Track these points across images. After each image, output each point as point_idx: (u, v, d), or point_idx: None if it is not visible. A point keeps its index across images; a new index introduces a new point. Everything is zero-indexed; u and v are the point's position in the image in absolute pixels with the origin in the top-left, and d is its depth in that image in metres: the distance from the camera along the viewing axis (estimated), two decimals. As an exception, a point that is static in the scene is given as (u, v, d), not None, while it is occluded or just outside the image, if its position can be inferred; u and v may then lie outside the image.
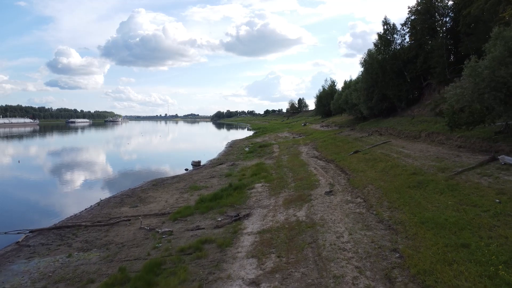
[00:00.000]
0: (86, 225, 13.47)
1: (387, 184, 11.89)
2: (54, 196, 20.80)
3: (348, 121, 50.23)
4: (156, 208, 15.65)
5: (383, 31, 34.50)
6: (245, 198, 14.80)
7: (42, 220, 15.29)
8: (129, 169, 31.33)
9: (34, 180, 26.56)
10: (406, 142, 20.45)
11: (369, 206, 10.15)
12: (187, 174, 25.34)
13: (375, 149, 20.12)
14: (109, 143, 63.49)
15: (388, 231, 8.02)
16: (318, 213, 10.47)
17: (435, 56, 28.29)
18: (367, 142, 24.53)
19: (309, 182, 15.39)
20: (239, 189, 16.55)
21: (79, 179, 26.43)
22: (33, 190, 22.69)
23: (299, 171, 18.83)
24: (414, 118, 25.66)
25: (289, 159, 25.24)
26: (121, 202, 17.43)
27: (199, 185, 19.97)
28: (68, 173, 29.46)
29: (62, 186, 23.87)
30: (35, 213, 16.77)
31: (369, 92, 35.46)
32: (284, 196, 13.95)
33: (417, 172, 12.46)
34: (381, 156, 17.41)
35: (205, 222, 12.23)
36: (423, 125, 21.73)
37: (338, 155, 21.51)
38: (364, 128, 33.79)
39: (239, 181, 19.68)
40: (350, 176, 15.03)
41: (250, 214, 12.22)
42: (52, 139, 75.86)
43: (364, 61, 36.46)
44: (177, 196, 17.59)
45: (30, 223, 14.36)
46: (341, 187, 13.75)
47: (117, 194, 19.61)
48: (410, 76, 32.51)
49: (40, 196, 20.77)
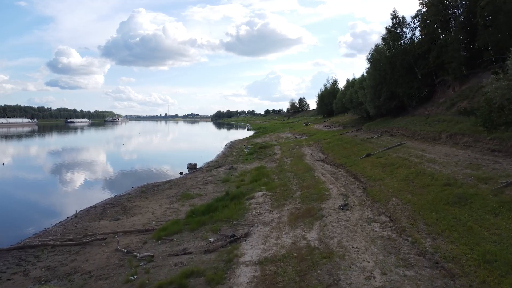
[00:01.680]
0: (54, 244, 11.31)
1: (416, 198, 9.71)
2: (30, 206, 18.56)
3: (352, 120, 48.06)
4: (140, 221, 13.49)
5: (392, 25, 32.30)
6: (243, 210, 12.64)
7: (7, 236, 13.12)
8: (121, 172, 29.18)
9: (14, 185, 24.40)
10: (425, 144, 18.27)
11: (400, 228, 7.98)
12: (181, 179, 23.19)
13: (390, 152, 17.95)
14: (104, 144, 61.30)
15: (438, 272, 5.85)
16: (334, 236, 8.31)
17: (450, 50, 26.10)
18: (378, 144, 22.35)
19: (317, 192, 13.22)
20: (237, 199, 14.40)
21: (63, 185, 24.27)
22: (8, 198, 20.52)
23: (305, 177, 16.67)
24: (429, 117, 23.48)
25: (292, 162, 23.08)
26: (102, 213, 15.27)
27: (192, 192, 17.81)
28: (53, 178, 27.33)
29: (42, 193, 21.67)
30: (1, 227, 14.57)
31: (376, 90, 33.28)
32: (289, 210, 11.79)
33: (451, 182, 10.28)
34: (399, 160, 15.24)
35: (194, 244, 10.07)
36: (441, 125, 19.55)
37: (347, 158, 19.33)
38: (372, 128, 31.61)
39: (237, 188, 17.54)
40: (366, 185, 12.86)
41: (249, 234, 10.07)
42: (46, 140, 73.71)
43: (371, 57, 34.27)
44: (166, 207, 15.42)
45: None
46: (357, 199, 11.58)
47: (99, 203, 17.44)
48: (421, 72, 30.32)
49: (14, 205, 18.52)
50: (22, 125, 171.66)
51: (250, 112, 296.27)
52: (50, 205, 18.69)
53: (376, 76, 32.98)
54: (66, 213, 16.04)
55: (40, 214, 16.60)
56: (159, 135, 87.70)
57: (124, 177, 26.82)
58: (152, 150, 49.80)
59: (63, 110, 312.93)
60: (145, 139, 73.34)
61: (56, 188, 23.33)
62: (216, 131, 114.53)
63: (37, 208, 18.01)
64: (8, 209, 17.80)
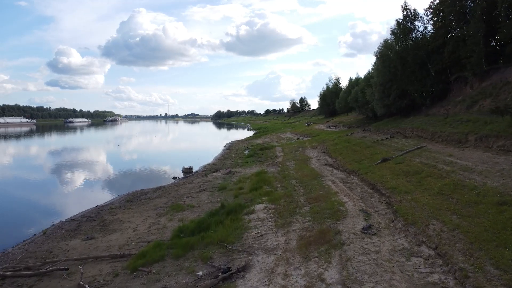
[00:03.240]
0: (5, 275, 9.07)
1: (466, 221, 7.45)
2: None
3: (357, 120, 45.86)
4: (117, 242, 11.25)
5: (403, 18, 30.02)
6: (241, 230, 10.40)
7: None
8: (110, 176, 26.95)
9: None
10: (449, 147, 16.01)
11: (459, 272, 5.72)
12: (173, 185, 20.94)
13: (410, 156, 15.69)
14: (98, 145, 59.02)
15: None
16: (364, 280, 6.05)
17: (469, 43, 23.82)
18: (393, 146, 20.10)
19: (330, 206, 10.98)
20: (234, 213, 12.14)
21: (42, 192, 21.96)
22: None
23: (313, 186, 14.42)
24: (448, 117, 21.22)
25: (296, 166, 20.83)
26: (76, 229, 13.02)
27: (183, 203, 15.56)
28: (35, 183, 25.07)
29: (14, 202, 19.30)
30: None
31: (385, 88, 31.02)
32: (297, 230, 9.54)
33: (507, 200, 8.03)
34: (424, 167, 12.99)
35: (177, 279, 7.83)
36: (466, 126, 17.30)
37: (360, 163, 17.08)
38: (381, 129, 29.36)
39: (235, 198, 15.33)
40: (390, 199, 10.60)
41: (247, 267, 7.82)
42: (39, 140, 71.46)
43: (380, 52, 32.02)
44: (151, 221, 13.17)
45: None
46: (383, 218, 9.34)
47: (76, 215, 15.19)
48: (435, 68, 28.06)
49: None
50: (20, 125, 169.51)
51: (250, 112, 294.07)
52: (20, 217, 16.35)
53: (386, 73, 30.71)
54: (36, 227, 13.79)
55: (5, 229, 14.32)
56: (157, 135, 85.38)
57: (113, 182, 24.58)
58: (147, 152, 47.50)
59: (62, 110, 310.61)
60: (142, 140, 71.10)
61: (32, 195, 20.96)
62: (215, 131, 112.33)
63: (3, 221, 15.67)
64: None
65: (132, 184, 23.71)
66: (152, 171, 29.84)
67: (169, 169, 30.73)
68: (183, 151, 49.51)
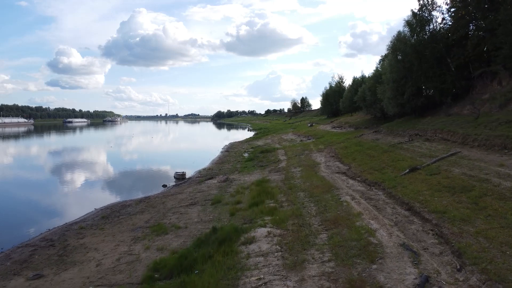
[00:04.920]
0: None
1: None
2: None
3: (364, 121, 42.97)
4: (71, 283, 8.41)
5: (419, 7, 27.12)
6: (237, 271, 7.55)
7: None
8: (93, 185, 24.09)
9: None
10: (493, 154, 13.14)
11: None
12: (161, 196, 18.10)
13: (444, 165, 12.84)
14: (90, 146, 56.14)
15: None
16: None
17: (500, 33, 20.93)
18: (416, 151, 17.24)
19: (356, 236, 8.15)
20: (228, 242, 9.29)
21: (8, 204, 19.11)
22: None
23: (327, 203, 11.58)
24: (479, 117, 18.37)
25: (303, 174, 18.00)
26: (26, 260, 10.19)
27: (167, 222, 12.73)
28: (5, 191, 22.20)
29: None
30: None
31: (399, 85, 28.11)
32: (315, 278, 6.69)
33: None
34: (471, 181, 10.14)
35: None
36: (508, 128, 14.45)
37: (382, 173, 14.22)
38: (394, 130, 26.49)
39: (230, 215, 12.56)
40: (441, 229, 7.73)
41: None
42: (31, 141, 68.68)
43: (393, 46, 29.11)
44: (122, 250, 10.32)
45: None
46: (439, 262, 6.48)
47: (35, 237, 12.38)
48: (456, 63, 25.20)
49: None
50: (17, 125, 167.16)
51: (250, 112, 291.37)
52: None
53: (400, 69, 27.80)
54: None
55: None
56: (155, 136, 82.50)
57: (94, 191, 21.74)
58: (141, 154, 44.54)
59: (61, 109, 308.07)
60: (137, 141, 68.28)
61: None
62: (215, 132, 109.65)
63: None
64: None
65: (116, 193, 20.96)
66: (141, 177, 27.05)
67: (161, 174, 27.98)
68: (179, 153, 46.72)
